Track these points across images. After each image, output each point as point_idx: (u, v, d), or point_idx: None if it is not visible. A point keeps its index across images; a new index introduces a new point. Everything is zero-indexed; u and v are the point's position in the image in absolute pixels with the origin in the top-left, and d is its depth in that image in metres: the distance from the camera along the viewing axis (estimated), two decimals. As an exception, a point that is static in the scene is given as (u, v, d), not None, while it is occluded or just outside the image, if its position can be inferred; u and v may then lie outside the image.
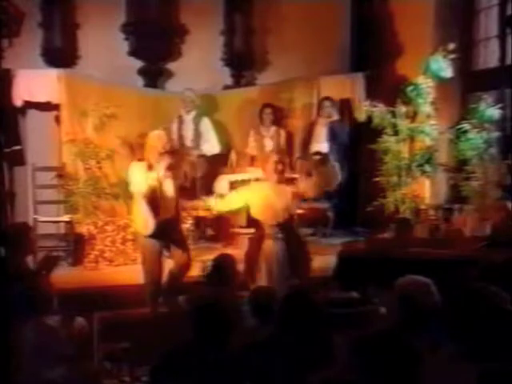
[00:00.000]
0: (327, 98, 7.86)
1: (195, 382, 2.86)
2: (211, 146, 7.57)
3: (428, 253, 5.31)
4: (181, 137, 7.50)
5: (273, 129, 7.81)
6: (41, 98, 7.34)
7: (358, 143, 8.18)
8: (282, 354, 2.88)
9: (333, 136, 7.73)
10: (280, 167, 5.24)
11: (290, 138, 7.93)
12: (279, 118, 7.90)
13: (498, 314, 2.35)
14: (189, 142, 7.49)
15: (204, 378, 2.84)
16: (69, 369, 3.22)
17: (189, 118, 7.56)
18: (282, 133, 7.83)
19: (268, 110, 7.76)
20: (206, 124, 7.59)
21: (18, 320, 3.27)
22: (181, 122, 7.55)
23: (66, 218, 6.73)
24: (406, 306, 2.88)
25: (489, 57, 7.18)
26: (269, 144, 7.72)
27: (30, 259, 4.80)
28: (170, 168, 5.14)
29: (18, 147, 7.35)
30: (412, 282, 2.98)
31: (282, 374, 2.82)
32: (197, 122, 7.56)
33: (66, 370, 3.21)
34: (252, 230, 6.07)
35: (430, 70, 6.38)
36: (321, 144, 7.73)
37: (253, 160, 7.71)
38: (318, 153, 7.62)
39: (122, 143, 7.43)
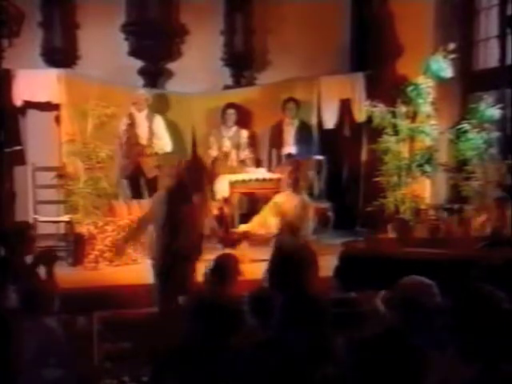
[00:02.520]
0: (291, 99, 7.80)
1: (195, 381, 2.86)
2: (164, 144, 7.45)
3: (428, 253, 5.31)
4: (134, 135, 7.31)
5: (234, 129, 7.75)
6: (41, 97, 7.35)
7: (357, 143, 8.19)
8: (282, 353, 2.88)
9: (300, 139, 7.73)
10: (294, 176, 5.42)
11: (253, 138, 7.83)
12: (241, 118, 7.82)
13: (498, 314, 2.35)
14: (143, 141, 7.35)
15: (204, 378, 2.84)
16: (69, 369, 3.22)
17: (142, 117, 7.40)
18: (244, 133, 7.76)
19: (231, 111, 7.71)
20: (159, 122, 7.47)
21: (19, 320, 3.27)
22: (132, 120, 7.36)
23: (66, 218, 6.73)
24: (408, 306, 2.88)
25: (489, 57, 7.18)
26: (227, 144, 7.67)
27: (29, 258, 4.79)
28: None
29: (18, 147, 7.35)
30: (414, 283, 2.98)
31: (282, 374, 2.82)
32: (150, 120, 7.43)
33: (67, 370, 3.20)
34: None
35: (430, 69, 6.38)
36: (291, 146, 7.74)
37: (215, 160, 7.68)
38: (289, 155, 7.65)
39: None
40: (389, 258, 5.06)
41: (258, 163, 7.87)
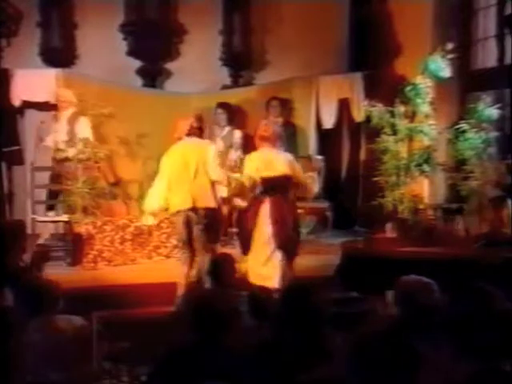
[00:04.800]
0: (275, 98, 7.76)
1: (193, 381, 2.86)
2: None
3: (426, 252, 5.32)
4: (55, 138, 6.82)
5: (227, 129, 7.70)
6: (39, 97, 7.33)
7: (356, 143, 8.20)
8: (280, 354, 2.88)
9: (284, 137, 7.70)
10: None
11: (246, 138, 7.67)
12: (234, 117, 7.78)
13: (495, 313, 2.35)
14: (61, 144, 6.79)
15: (202, 378, 2.84)
16: (71, 370, 3.21)
17: (63, 118, 6.93)
18: (237, 133, 7.71)
19: (219, 110, 7.64)
20: (83, 124, 6.92)
21: (22, 319, 3.27)
22: (56, 120, 6.94)
23: (64, 217, 6.72)
24: (407, 305, 2.88)
25: (487, 56, 7.19)
26: (220, 145, 7.62)
27: (26, 257, 4.80)
28: None
29: (16, 147, 7.34)
30: (414, 282, 2.99)
31: (280, 374, 2.82)
32: (72, 121, 6.91)
33: (69, 371, 3.20)
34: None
35: (429, 69, 6.38)
36: None
37: None
38: None
39: (120, 143, 7.44)
40: (387, 258, 5.07)
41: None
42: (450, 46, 6.38)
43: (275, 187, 5.41)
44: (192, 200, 5.40)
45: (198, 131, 5.63)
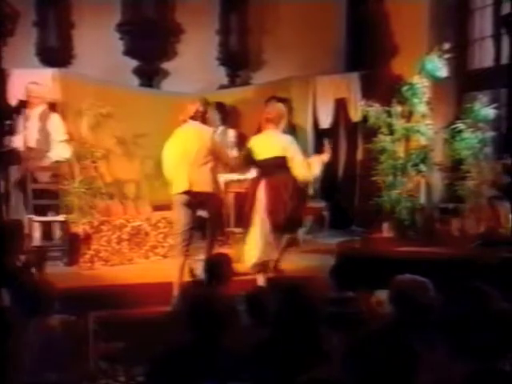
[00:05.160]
0: (274, 98, 7.70)
1: (191, 382, 2.86)
2: (59, 150, 6.69)
3: (423, 252, 5.32)
4: (25, 137, 6.45)
5: (221, 129, 7.68)
6: (36, 97, 7.31)
7: (353, 142, 8.20)
8: (278, 353, 2.88)
9: None
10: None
11: (241, 138, 7.68)
12: (227, 117, 7.79)
13: (491, 313, 2.36)
14: (34, 143, 6.47)
15: (199, 378, 2.84)
16: (66, 370, 3.20)
17: (34, 115, 6.59)
18: (231, 133, 7.73)
19: (214, 110, 7.59)
20: (55, 122, 6.67)
21: (19, 320, 3.26)
22: (26, 119, 6.59)
23: (61, 217, 6.71)
24: (402, 304, 2.89)
25: (484, 56, 7.20)
26: None
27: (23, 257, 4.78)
28: None
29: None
30: (408, 281, 2.99)
31: (278, 374, 2.82)
32: (44, 119, 6.60)
33: (64, 371, 3.19)
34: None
35: (426, 69, 6.39)
36: None
37: None
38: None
39: (117, 143, 7.43)
40: (384, 258, 5.07)
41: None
42: (446, 45, 6.39)
43: (271, 168, 5.58)
44: (189, 183, 5.45)
45: (202, 116, 5.76)
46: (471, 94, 6.95)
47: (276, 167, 5.61)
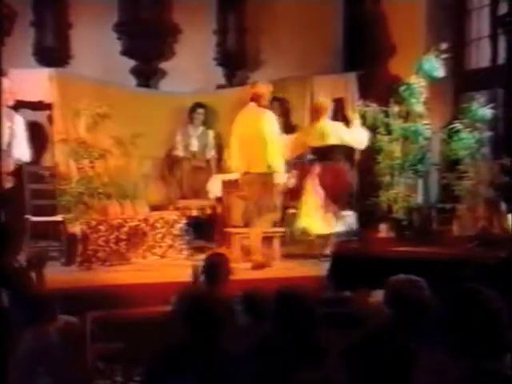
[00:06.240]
0: (274, 98, 7.72)
1: (189, 382, 2.86)
2: (22, 151, 6.50)
3: (420, 252, 5.33)
4: None
5: (201, 129, 7.71)
6: (33, 97, 7.30)
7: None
8: (275, 353, 2.88)
9: None
10: None
11: (219, 139, 7.73)
12: (208, 118, 7.79)
13: (488, 313, 2.36)
14: (4, 145, 6.01)
15: (198, 378, 2.84)
16: (60, 376, 3.18)
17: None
18: (210, 133, 7.73)
19: (200, 110, 7.65)
20: (19, 123, 6.51)
21: (17, 327, 3.25)
22: None
23: (58, 217, 6.71)
24: (398, 304, 2.89)
25: (481, 57, 7.21)
26: (194, 144, 7.60)
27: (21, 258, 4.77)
28: None
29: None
30: (403, 280, 3.00)
31: (276, 374, 2.82)
32: (10, 119, 6.34)
33: (61, 371, 3.18)
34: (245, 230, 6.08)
35: (423, 69, 6.40)
36: None
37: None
38: None
39: (114, 143, 7.42)
40: (382, 258, 5.08)
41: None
42: (443, 46, 6.41)
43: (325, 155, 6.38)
44: (247, 165, 5.87)
45: (259, 98, 6.13)
46: (468, 94, 6.96)
47: (330, 154, 6.39)
